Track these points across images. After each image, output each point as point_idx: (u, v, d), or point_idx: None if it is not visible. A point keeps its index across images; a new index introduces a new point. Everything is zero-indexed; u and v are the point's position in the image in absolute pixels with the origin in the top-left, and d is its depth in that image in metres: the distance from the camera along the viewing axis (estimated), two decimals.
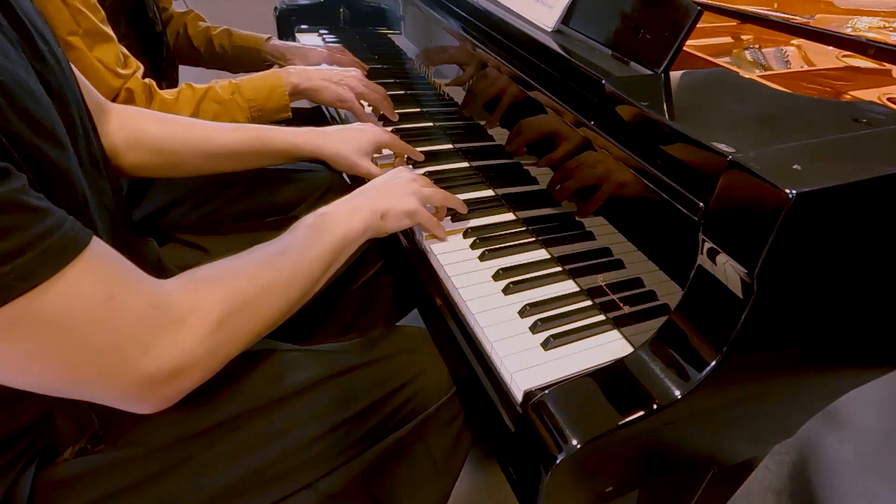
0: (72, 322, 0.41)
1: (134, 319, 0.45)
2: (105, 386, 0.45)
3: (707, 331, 0.51)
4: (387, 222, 0.70)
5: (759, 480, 1.13)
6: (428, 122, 1.07)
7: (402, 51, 1.27)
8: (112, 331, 0.44)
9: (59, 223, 0.40)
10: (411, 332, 0.77)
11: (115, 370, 0.45)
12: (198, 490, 0.57)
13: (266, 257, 0.58)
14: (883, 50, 0.87)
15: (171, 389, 0.49)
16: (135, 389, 0.46)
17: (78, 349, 0.42)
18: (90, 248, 0.42)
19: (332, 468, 0.64)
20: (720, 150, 0.47)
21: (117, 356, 0.44)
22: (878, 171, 0.46)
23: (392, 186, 0.73)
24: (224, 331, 0.51)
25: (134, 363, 0.45)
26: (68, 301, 0.40)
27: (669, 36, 0.64)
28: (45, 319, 0.39)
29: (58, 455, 0.55)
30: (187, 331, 0.48)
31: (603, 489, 0.58)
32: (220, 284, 0.53)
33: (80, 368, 0.43)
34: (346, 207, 0.68)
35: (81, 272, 0.41)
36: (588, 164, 0.70)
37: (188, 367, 0.49)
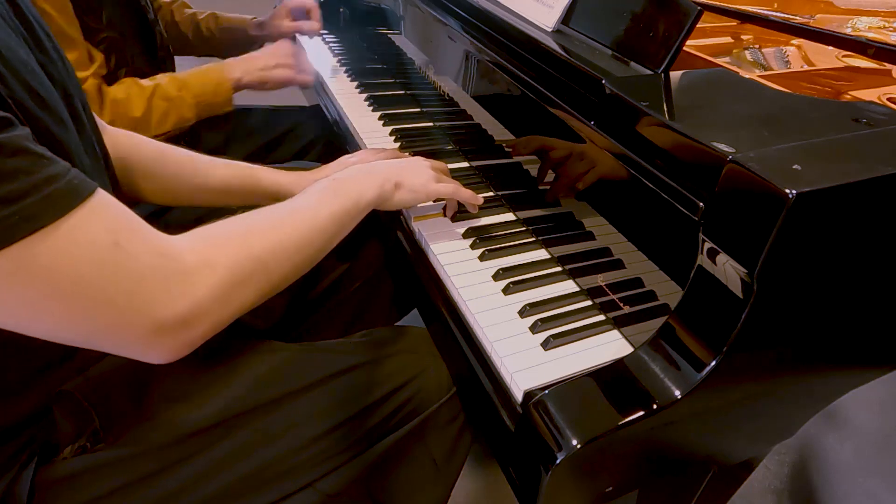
0: (78, 268, 0.41)
1: (142, 267, 0.45)
2: (117, 334, 0.46)
3: (707, 331, 0.51)
4: (401, 193, 0.70)
5: (759, 480, 1.13)
6: (428, 122, 1.07)
7: (402, 51, 1.27)
8: (120, 278, 0.44)
9: (63, 171, 0.41)
10: (411, 331, 0.77)
11: (126, 318, 0.45)
12: (197, 489, 0.57)
13: (279, 216, 0.58)
14: (883, 50, 0.87)
15: (183, 338, 0.49)
16: (146, 337, 0.46)
17: (87, 296, 0.42)
18: (95, 197, 0.42)
19: (332, 468, 0.64)
20: (720, 150, 0.47)
21: (127, 304, 0.44)
22: (878, 171, 0.46)
23: (409, 164, 0.74)
24: (235, 285, 0.51)
25: (144, 311, 0.45)
26: (72, 246, 0.41)
27: (669, 36, 0.64)
28: (50, 264, 0.40)
29: (58, 453, 0.55)
30: (198, 281, 0.48)
31: (603, 489, 0.58)
32: (231, 240, 0.53)
33: (91, 316, 0.43)
34: (363, 171, 0.68)
35: (85, 218, 0.41)
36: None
37: (199, 317, 0.49)
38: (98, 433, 0.56)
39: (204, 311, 0.49)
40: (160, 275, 0.46)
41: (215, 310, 0.50)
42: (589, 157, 0.69)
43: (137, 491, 0.55)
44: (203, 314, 0.49)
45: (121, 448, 0.56)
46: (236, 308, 0.52)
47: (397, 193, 0.70)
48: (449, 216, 0.80)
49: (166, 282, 0.46)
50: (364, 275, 0.95)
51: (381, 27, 1.38)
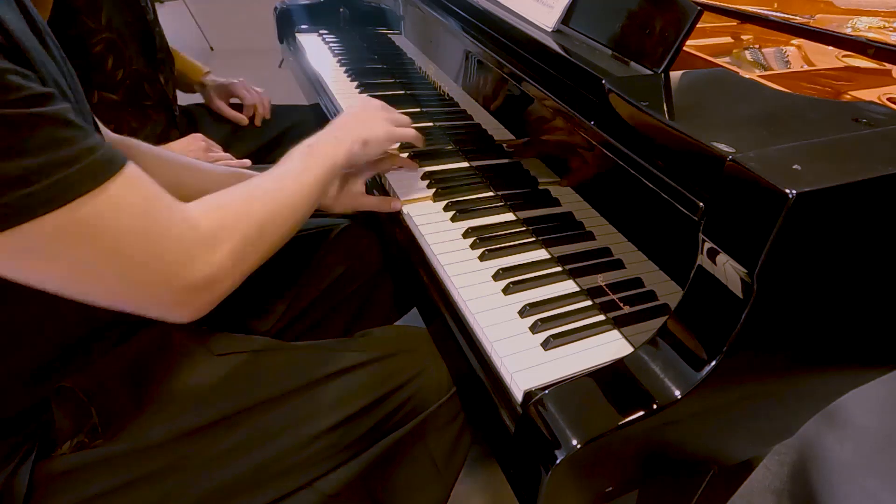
0: (118, 231, 0.45)
1: (172, 232, 0.49)
2: (149, 294, 0.49)
3: (707, 331, 0.51)
4: (369, 149, 0.76)
5: (759, 480, 1.13)
6: (428, 122, 1.07)
7: (402, 51, 1.27)
8: (154, 241, 0.47)
9: (100, 142, 0.44)
10: (411, 331, 0.77)
11: (160, 279, 0.48)
12: (196, 487, 0.57)
13: (271, 184, 0.62)
14: (883, 50, 0.87)
15: (206, 298, 0.53)
16: (177, 297, 0.50)
17: (125, 258, 0.46)
18: (129, 167, 0.46)
19: (332, 467, 0.64)
20: (720, 150, 0.47)
21: (161, 266, 0.48)
22: (878, 170, 0.46)
23: (367, 117, 0.78)
24: (245, 249, 0.55)
25: (176, 272, 0.49)
26: (113, 211, 0.44)
27: (669, 36, 0.64)
28: (94, 227, 0.43)
29: (56, 448, 0.55)
30: (216, 246, 0.52)
31: (603, 489, 0.58)
32: (238, 208, 0.57)
33: (128, 277, 0.47)
34: (331, 138, 0.72)
35: (123, 186, 0.45)
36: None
37: (220, 278, 0.53)
38: (96, 429, 0.56)
39: (223, 273, 0.53)
40: (186, 240, 0.50)
41: (231, 272, 0.54)
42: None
43: (136, 488, 0.56)
44: (222, 276, 0.53)
45: (119, 444, 0.56)
46: (246, 270, 0.56)
47: (365, 149, 0.75)
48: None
49: (192, 247, 0.51)
50: (364, 275, 0.95)
51: (381, 27, 1.38)
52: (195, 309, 0.52)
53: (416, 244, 0.79)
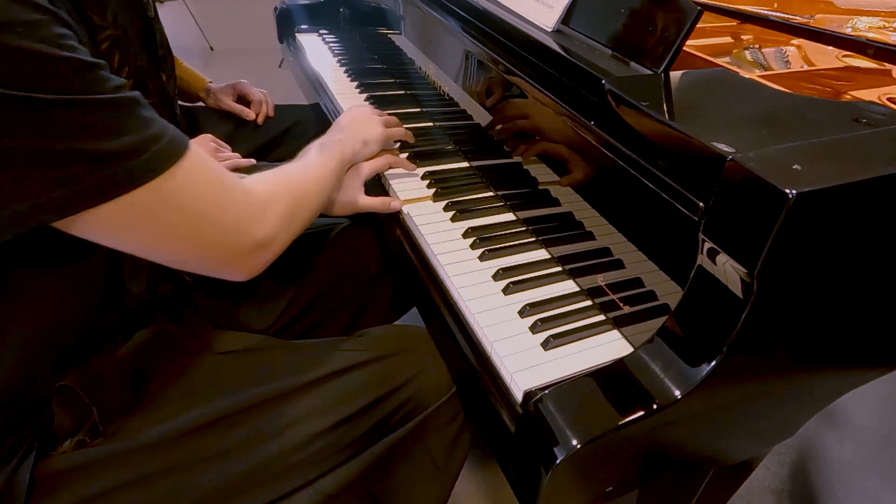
0: (197, 199, 0.50)
1: (237, 198, 0.55)
2: (222, 254, 0.55)
3: (707, 331, 0.51)
4: (368, 148, 0.85)
5: (759, 480, 1.13)
6: (428, 122, 1.07)
7: (402, 51, 1.27)
8: (224, 206, 0.53)
9: (168, 124, 0.48)
10: (411, 331, 0.77)
11: (230, 239, 0.54)
12: (197, 486, 0.57)
13: (299, 168, 0.70)
14: (883, 50, 0.87)
15: (264, 257, 0.59)
16: (242, 255, 0.56)
17: (203, 222, 0.51)
18: (194, 145, 0.50)
19: (332, 467, 0.64)
20: (720, 150, 0.47)
21: (231, 227, 0.54)
22: (878, 171, 0.46)
23: (362, 119, 0.87)
24: (290, 216, 0.62)
25: (242, 233, 0.55)
26: (192, 179, 0.49)
27: (669, 36, 0.64)
28: (179, 194, 0.48)
29: (56, 447, 0.55)
30: (271, 212, 0.59)
31: (603, 489, 0.58)
32: (282, 183, 0.64)
33: (205, 240, 0.52)
34: (335, 139, 0.80)
35: (195, 158, 0.49)
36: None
37: (274, 239, 0.59)
38: (97, 427, 0.56)
39: (276, 235, 0.59)
40: (248, 204, 0.56)
41: (281, 235, 0.60)
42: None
43: (136, 487, 0.56)
44: (276, 237, 0.59)
45: (119, 443, 0.56)
46: (290, 237, 0.63)
47: (364, 149, 0.84)
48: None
49: (252, 210, 0.57)
50: (364, 275, 0.95)
51: (381, 27, 1.38)
52: (255, 267, 0.58)
53: (416, 244, 0.79)
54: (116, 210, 0.44)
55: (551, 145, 0.77)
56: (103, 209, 0.43)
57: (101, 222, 0.44)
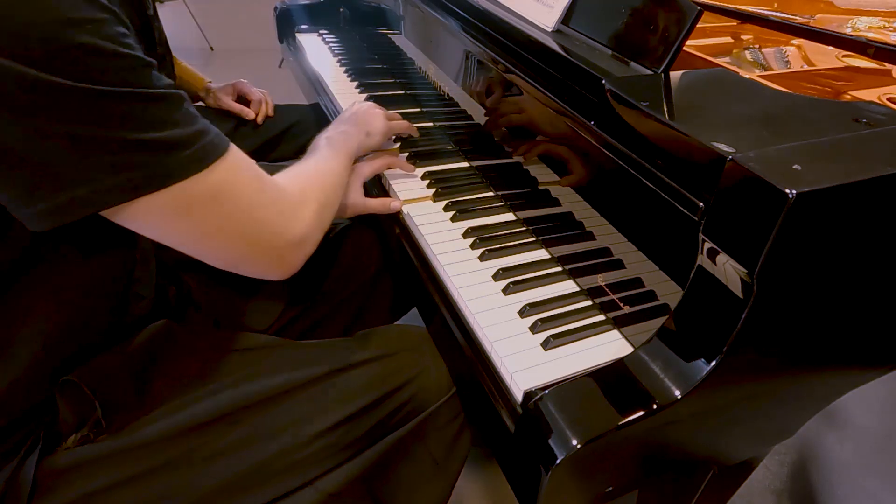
0: (238, 195, 0.52)
1: (276, 197, 0.57)
2: (261, 251, 0.56)
3: (707, 331, 0.51)
4: (371, 139, 0.86)
5: (759, 480, 1.13)
6: (428, 122, 1.07)
7: (402, 51, 1.27)
8: (263, 203, 0.55)
9: (209, 123, 0.50)
10: (411, 331, 0.77)
11: (269, 237, 0.56)
12: (199, 484, 0.58)
13: (320, 165, 0.72)
14: (883, 50, 0.87)
15: (301, 254, 0.61)
16: (282, 254, 0.58)
17: (244, 217, 0.53)
18: (233, 144, 0.52)
19: (333, 466, 0.64)
20: (720, 150, 0.47)
21: (270, 224, 0.56)
22: (878, 171, 0.46)
23: (364, 113, 0.88)
24: (321, 213, 0.64)
25: (282, 232, 0.57)
26: (236, 178, 0.52)
27: (669, 36, 0.64)
28: (222, 189, 0.50)
29: (61, 443, 0.56)
30: (304, 205, 0.61)
31: (603, 489, 0.58)
32: (309, 176, 0.67)
33: (246, 235, 0.54)
34: (341, 132, 0.81)
35: (237, 158, 0.52)
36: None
37: (310, 236, 0.61)
38: (100, 423, 0.57)
39: (311, 231, 0.61)
40: (283, 201, 0.58)
41: (315, 231, 0.62)
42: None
43: (138, 483, 0.56)
44: (311, 234, 0.61)
45: (122, 439, 0.57)
46: (322, 232, 0.64)
47: (368, 140, 0.86)
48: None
49: (288, 207, 0.58)
50: (364, 275, 0.95)
51: (381, 27, 1.38)
52: (291, 266, 0.60)
53: (416, 244, 0.79)
54: (166, 200, 0.46)
55: (551, 145, 0.77)
56: (155, 198, 0.45)
57: (151, 212, 0.46)
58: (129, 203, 0.44)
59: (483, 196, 0.87)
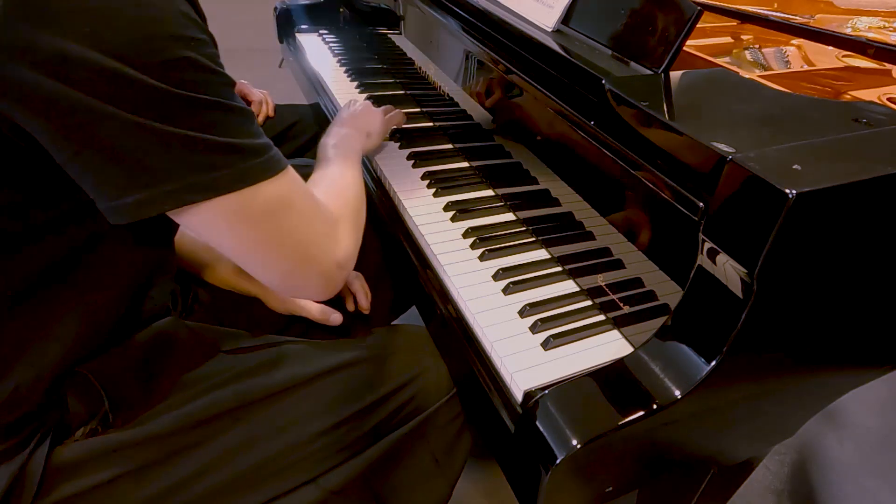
0: (298, 212, 0.55)
1: (324, 215, 0.60)
2: (313, 272, 0.59)
3: (707, 331, 0.51)
4: (371, 140, 0.89)
5: (759, 480, 1.13)
6: (428, 122, 1.07)
7: (402, 51, 1.27)
8: (318, 225, 0.58)
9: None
10: (412, 331, 0.77)
11: (320, 256, 0.59)
12: (202, 479, 0.58)
13: (341, 178, 0.74)
14: (883, 50, 0.87)
15: (344, 275, 0.63)
16: (331, 274, 0.60)
17: (302, 236, 0.56)
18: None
19: (335, 464, 0.65)
20: (720, 150, 0.47)
21: (322, 246, 0.59)
22: (878, 171, 0.46)
23: (361, 114, 0.91)
24: (356, 227, 0.67)
25: (328, 254, 0.60)
26: (293, 193, 0.55)
27: (669, 36, 0.64)
28: (282, 200, 0.53)
29: (69, 435, 0.56)
30: (343, 230, 0.64)
31: (603, 489, 0.58)
32: (339, 193, 0.69)
33: (300, 254, 0.57)
34: (344, 136, 0.83)
35: (294, 174, 0.55)
36: None
37: (350, 256, 0.64)
38: (108, 417, 0.57)
39: (352, 252, 0.64)
40: (329, 221, 0.61)
41: (354, 250, 0.65)
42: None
43: (143, 477, 0.56)
44: (352, 253, 0.64)
45: (128, 433, 0.57)
46: (357, 251, 0.67)
47: (369, 141, 0.88)
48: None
49: (332, 229, 0.61)
50: (364, 275, 0.95)
51: (381, 27, 1.38)
52: (336, 285, 0.62)
53: (416, 244, 0.79)
54: (234, 204, 0.49)
55: (551, 145, 0.77)
56: (226, 200, 0.48)
57: (219, 214, 0.50)
58: (204, 203, 0.48)
59: (483, 196, 0.87)
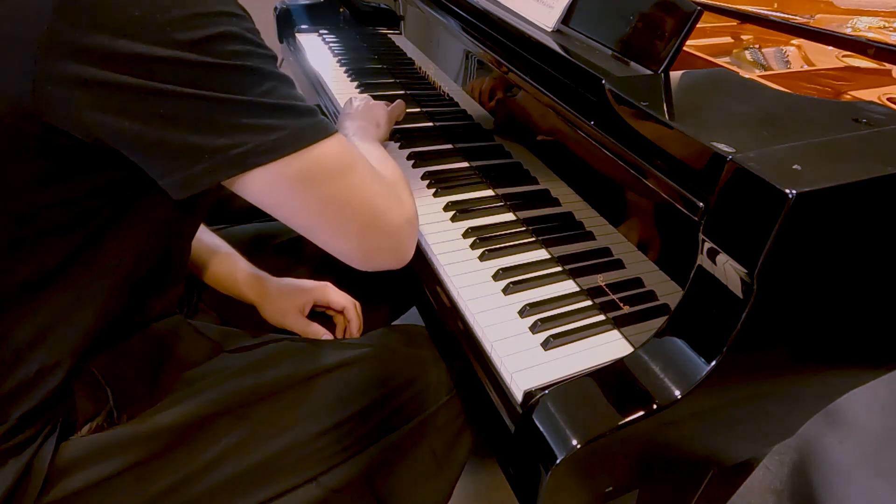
0: (355, 171, 0.55)
1: (382, 177, 0.60)
2: (386, 228, 0.59)
3: (707, 331, 0.51)
4: (380, 130, 0.89)
5: (759, 480, 1.13)
6: (428, 122, 1.07)
7: (402, 51, 1.27)
8: (377, 182, 0.58)
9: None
10: (412, 331, 0.77)
11: (390, 213, 0.59)
12: (205, 477, 0.58)
13: (377, 150, 0.75)
14: (883, 50, 0.87)
15: (413, 233, 0.63)
16: (401, 229, 0.60)
17: (366, 196, 0.56)
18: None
19: (336, 463, 0.65)
20: (720, 150, 0.47)
21: (385, 206, 0.58)
22: (878, 171, 0.46)
23: (367, 108, 0.92)
24: (411, 192, 0.67)
25: (396, 207, 0.60)
26: (348, 151, 0.55)
27: (669, 36, 0.64)
28: (344, 164, 0.54)
29: (75, 430, 0.56)
30: (402, 190, 0.65)
31: (603, 489, 0.58)
32: (386, 165, 0.70)
33: (368, 215, 0.57)
34: (358, 126, 0.84)
35: (341, 136, 0.55)
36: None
37: (416, 213, 0.65)
38: (113, 413, 0.57)
39: (415, 209, 0.65)
40: (390, 183, 0.61)
41: (416, 209, 0.65)
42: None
43: (146, 475, 0.56)
44: (416, 212, 0.65)
45: (132, 430, 0.57)
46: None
47: (378, 132, 0.88)
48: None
49: (393, 190, 0.61)
50: (364, 274, 0.95)
51: (381, 27, 1.38)
52: (410, 245, 0.62)
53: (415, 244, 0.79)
54: (298, 165, 0.50)
55: (551, 145, 0.77)
56: (290, 161, 0.50)
57: (281, 178, 0.50)
58: (268, 166, 0.49)
59: (483, 196, 0.87)
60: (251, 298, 0.81)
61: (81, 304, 0.54)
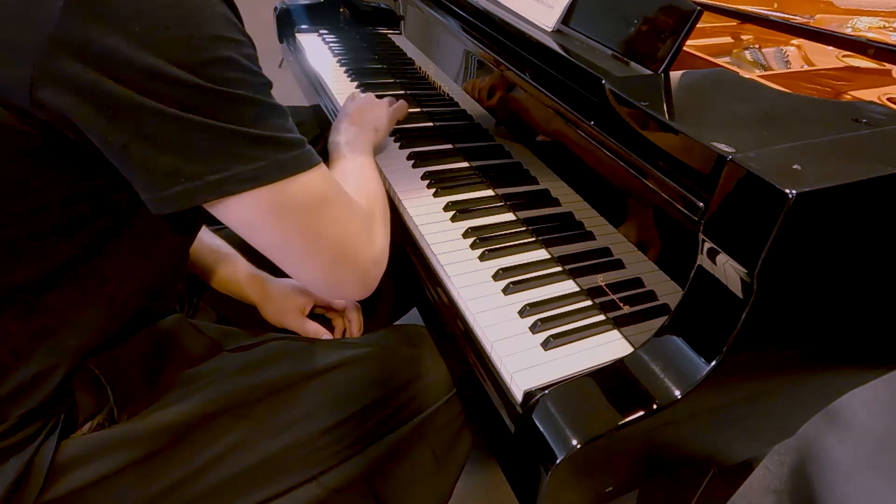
0: (334, 206, 0.56)
1: (359, 212, 0.61)
2: (350, 269, 0.59)
3: (707, 331, 0.51)
4: (379, 135, 0.89)
5: (759, 480, 1.13)
6: (428, 122, 1.07)
7: (402, 51, 1.27)
8: (352, 219, 0.59)
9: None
10: (413, 330, 0.77)
11: (357, 253, 0.59)
12: (205, 476, 0.59)
13: (363, 172, 0.76)
14: (883, 50, 0.87)
15: (378, 273, 0.63)
16: (366, 269, 0.61)
17: (339, 231, 0.57)
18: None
19: (336, 463, 0.65)
20: (720, 150, 0.47)
21: (358, 243, 0.59)
22: (878, 171, 0.46)
23: (366, 108, 0.91)
24: (385, 222, 0.68)
25: (365, 247, 0.60)
26: (329, 187, 0.56)
27: (669, 36, 0.64)
28: (320, 197, 0.54)
29: (76, 428, 0.57)
30: (374, 221, 0.65)
31: (603, 489, 0.58)
32: (365, 188, 0.71)
33: (337, 250, 0.57)
34: (354, 133, 0.83)
35: (327, 171, 0.56)
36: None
37: (384, 252, 0.65)
38: (113, 412, 0.57)
39: (385, 248, 0.65)
40: (362, 217, 0.61)
41: (387, 247, 0.65)
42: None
43: (146, 473, 0.57)
44: (385, 250, 0.65)
45: (132, 428, 0.57)
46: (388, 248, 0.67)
47: (376, 136, 0.88)
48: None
49: (365, 222, 0.62)
50: None
51: (381, 27, 1.38)
52: (372, 283, 0.62)
53: (416, 244, 0.79)
54: (274, 195, 0.51)
55: (551, 145, 0.77)
56: (267, 192, 0.50)
57: (260, 206, 0.51)
58: (244, 194, 0.49)
59: (483, 196, 0.87)
60: (252, 299, 0.81)
61: (82, 305, 0.54)
